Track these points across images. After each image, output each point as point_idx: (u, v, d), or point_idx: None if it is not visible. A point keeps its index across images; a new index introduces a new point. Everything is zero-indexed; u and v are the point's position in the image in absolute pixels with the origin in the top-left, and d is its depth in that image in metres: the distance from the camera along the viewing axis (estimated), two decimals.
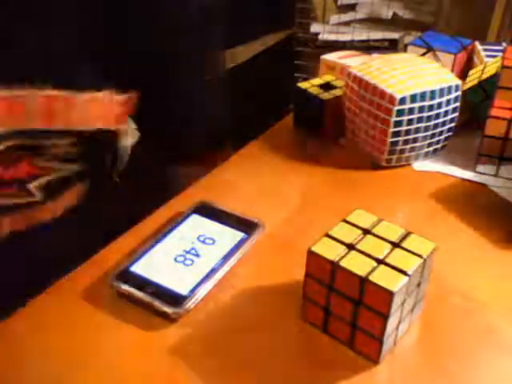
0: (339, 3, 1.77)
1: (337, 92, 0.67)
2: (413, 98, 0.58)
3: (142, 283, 0.45)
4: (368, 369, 0.40)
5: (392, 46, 1.72)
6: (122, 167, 0.59)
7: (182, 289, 0.45)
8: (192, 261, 0.48)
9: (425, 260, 0.39)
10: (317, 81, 0.70)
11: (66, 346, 0.42)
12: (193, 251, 0.49)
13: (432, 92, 0.59)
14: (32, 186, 0.52)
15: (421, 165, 0.64)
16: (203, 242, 0.50)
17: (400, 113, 0.58)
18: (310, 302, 0.42)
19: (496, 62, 0.69)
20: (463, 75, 0.73)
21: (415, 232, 0.41)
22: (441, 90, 0.59)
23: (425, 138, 0.61)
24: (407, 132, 0.60)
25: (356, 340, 0.40)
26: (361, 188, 0.61)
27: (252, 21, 1.52)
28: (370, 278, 0.37)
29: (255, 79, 1.56)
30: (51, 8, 0.48)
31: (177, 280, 0.46)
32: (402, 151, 0.61)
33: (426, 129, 0.60)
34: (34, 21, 0.48)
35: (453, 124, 0.63)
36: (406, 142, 0.61)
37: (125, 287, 0.45)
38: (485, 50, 0.75)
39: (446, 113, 0.61)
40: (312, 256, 0.40)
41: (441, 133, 0.62)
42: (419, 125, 0.60)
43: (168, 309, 0.43)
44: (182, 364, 0.40)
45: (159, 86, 0.60)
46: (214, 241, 0.50)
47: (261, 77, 1.60)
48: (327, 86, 0.68)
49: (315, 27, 1.78)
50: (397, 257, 0.39)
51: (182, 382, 0.39)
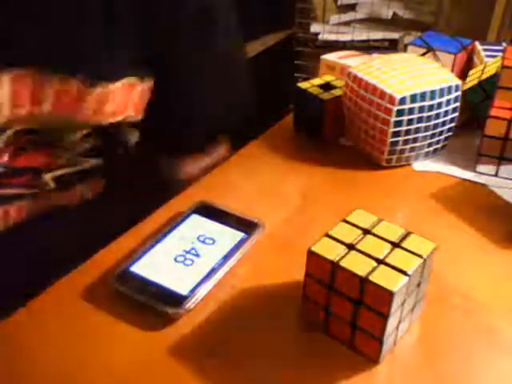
0: (339, 3, 1.77)
1: (337, 92, 0.67)
2: (413, 98, 0.58)
3: (142, 283, 0.45)
4: (368, 369, 0.40)
5: (392, 46, 1.72)
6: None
7: (182, 289, 0.45)
8: (192, 261, 0.48)
9: (425, 260, 0.39)
10: (317, 81, 0.69)
11: (66, 346, 0.42)
12: (193, 251, 0.49)
13: (432, 92, 0.59)
14: (47, 177, 0.52)
15: (421, 165, 0.64)
16: (203, 242, 0.50)
17: (400, 113, 0.58)
18: (310, 302, 0.42)
19: (496, 62, 0.69)
20: (463, 75, 0.73)
21: (415, 232, 0.41)
22: (441, 90, 0.59)
23: (425, 138, 0.61)
24: (407, 132, 0.60)
25: (356, 340, 0.40)
26: (361, 188, 0.60)
27: (252, 21, 1.51)
28: (370, 278, 0.37)
29: (255, 79, 1.56)
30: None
31: (177, 280, 0.46)
32: (402, 151, 0.61)
33: (426, 129, 0.60)
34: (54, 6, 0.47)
35: (453, 124, 0.63)
36: (406, 142, 0.61)
37: (125, 287, 0.45)
38: (485, 50, 0.75)
39: (446, 113, 0.61)
40: (312, 256, 0.40)
41: (441, 133, 0.62)
42: (419, 125, 0.60)
43: (168, 309, 0.43)
44: (182, 364, 0.40)
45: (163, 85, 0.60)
46: (214, 241, 0.50)
47: (261, 77, 1.60)
48: (327, 86, 0.68)
49: (315, 27, 1.78)
50: (397, 257, 0.39)
51: (182, 382, 0.39)
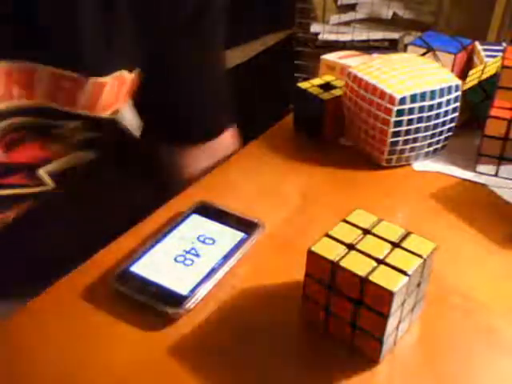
0: (339, 3, 1.77)
1: (337, 92, 0.67)
2: (413, 98, 0.58)
3: (142, 283, 0.45)
4: (368, 369, 0.40)
5: (392, 46, 1.73)
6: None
7: (182, 289, 0.45)
8: (192, 261, 0.48)
9: (425, 260, 0.39)
10: (317, 81, 0.69)
11: (66, 346, 0.42)
12: (193, 251, 0.49)
13: (432, 92, 0.59)
14: (42, 173, 0.51)
15: (421, 165, 0.64)
16: (203, 242, 0.50)
17: (400, 113, 0.58)
18: (310, 302, 0.42)
19: (496, 62, 0.69)
20: (463, 75, 0.73)
21: (415, 232, 0.41)
22: (441, 90, 0.59)
23: (425, 138, 0.61)
24: (407, 132, 0.60)
25: (356, 340, 0.40)
26: (361, 188, 0.60)
27: (252, 21, 1.52)
28: (370, 278, 0.37)
29: (255, 79, 1.56)
30: None
31: (177, 280, 0.46)
32: (402, 151, 0.61)
33: (426, 129, 0.60)
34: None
35: (453, 124, 0.63)
36: (406, 142, 0.61)
37: (125, 287, 0.45)
38: (485, 50, 0.75)
39: (446, 113, 0.61)
40: (312, 256, 0.40)
41: (441, 133, 0.62)
42: (419, 125, 0.60)
43: (168, 309, 0.43)
44: (182, 364, 0.40)
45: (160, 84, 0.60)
46: (214, 241, 0.50)
47: (261, 77, 1.60)
48: (327, 86, 0.68)
49: (315, 27, 1.78)
50: (397, 257, 0.39)
51: (182, 382, 0.39)
